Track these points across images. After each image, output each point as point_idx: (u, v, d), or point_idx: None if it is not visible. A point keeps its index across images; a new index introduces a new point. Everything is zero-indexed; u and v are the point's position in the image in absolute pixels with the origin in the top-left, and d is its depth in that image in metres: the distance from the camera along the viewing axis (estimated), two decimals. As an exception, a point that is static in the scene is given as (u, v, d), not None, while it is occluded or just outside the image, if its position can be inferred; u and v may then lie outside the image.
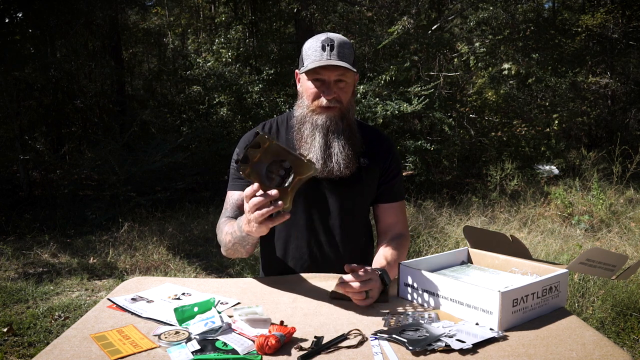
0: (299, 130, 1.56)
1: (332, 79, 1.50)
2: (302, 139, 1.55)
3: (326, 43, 1.48)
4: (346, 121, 1.55)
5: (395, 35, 8.04)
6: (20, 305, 3.85)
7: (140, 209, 6.85)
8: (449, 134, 8.25)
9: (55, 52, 9.31)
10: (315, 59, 1.48)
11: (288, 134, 1.61)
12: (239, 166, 1.22)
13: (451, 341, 1.09)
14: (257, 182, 1.20)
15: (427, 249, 4.68)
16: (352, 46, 1.53)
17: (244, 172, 1.21)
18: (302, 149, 1.55)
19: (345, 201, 1.60)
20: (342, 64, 1.45)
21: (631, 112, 12.06)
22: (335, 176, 1.54)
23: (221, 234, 1.54)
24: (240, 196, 1.63)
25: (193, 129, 9.16)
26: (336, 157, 1.52)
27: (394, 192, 1.67)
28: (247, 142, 1.66)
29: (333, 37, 1.51)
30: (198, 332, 1.14)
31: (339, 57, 1.48)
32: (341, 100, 1.53)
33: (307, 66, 1.49)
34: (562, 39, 9.93)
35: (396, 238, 1.62)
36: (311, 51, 1.50)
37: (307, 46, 1.53)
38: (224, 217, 1.62)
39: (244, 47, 10.11)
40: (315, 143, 1.52)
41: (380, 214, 1.68)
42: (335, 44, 1.48)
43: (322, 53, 1.48)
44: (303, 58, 1.54)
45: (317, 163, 1.51)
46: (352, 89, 1.57)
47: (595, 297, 3.48)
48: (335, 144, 1.52)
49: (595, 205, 5.86)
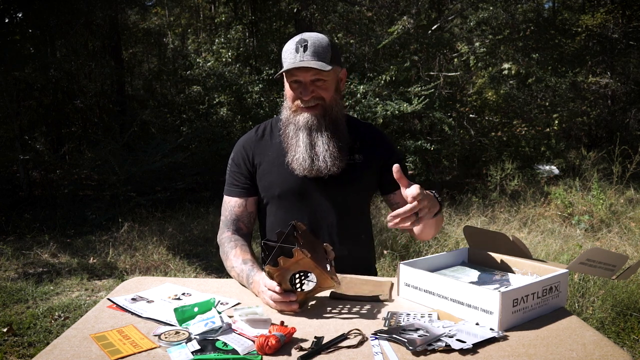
0: (285, 131, 1.58)
1: (307, 79, 1.51)
2: (288, 140, 1.57)
3: (300, 44, 1.49)
4: (329, 117, 1.56)
5: (395, 35, 8.04)
6: (20, 305, 3.85)
7: (140, 209, 6.85)
8: (449, 134, 8.25)
9: (55, 52, 9.30)
10: (290, 61, 1.50)
11: (278, 137, 1.63)
12: (265, 265, 1.29)
13: (451, 341, 1.09)
14: (279, 283, 1.27)
15: (427, 249, 4.68)
16: (328, 43, 1.52)
17: (269, 274, 1.27)
18: (290, 151, 1.56)
19: (339, 199, 1.61)
20: (313, 65, 1.45)
21: (631, 112, 12.05)
22: (324, 175, 1.55)
23: (226, 258, 1.57)
24: (237, 203, 1.64)
25: (193, 129, 9.16)
26: (322, 155, 1.53)
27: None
28: (244, 144, 1.67)
29: (307, 36, 1.51)
30: (198, 332, 1.14)
31: (313, 56, 1.48)
32: (322, 97, 1.53)
33: (284, 69, 1.50)
34: (562, 39, 9.93)
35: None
36: (287, 53, 1.52)
37: (284, 49, 1.54)
38: (226, 232, 1.63)
39: (244, 47, 10.10)
40: (300, 143, 1.54)
41: (396, 199, 1.65)
42: (309, 44, 1.48)
43: (295, 55, 1.49)
44: (282, 61, 1.55)
45: (304, 163, 1.53)
46: (334, 85, 1.56)
47: (595, 297, 3.48)
48: (319, 142, 1.53)
49: (595, 205, 5.86)
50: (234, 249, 1.55)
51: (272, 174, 1.61)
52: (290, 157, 1.56)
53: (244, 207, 1.64)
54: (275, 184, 1.60)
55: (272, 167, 1.61)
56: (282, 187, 1.59)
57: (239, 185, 1.64)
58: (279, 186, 1.60)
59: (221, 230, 1.65)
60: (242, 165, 1.64)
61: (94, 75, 10.76)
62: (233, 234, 1.62)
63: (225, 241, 1.60)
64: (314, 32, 1.55)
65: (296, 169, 1.55)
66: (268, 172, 1.61)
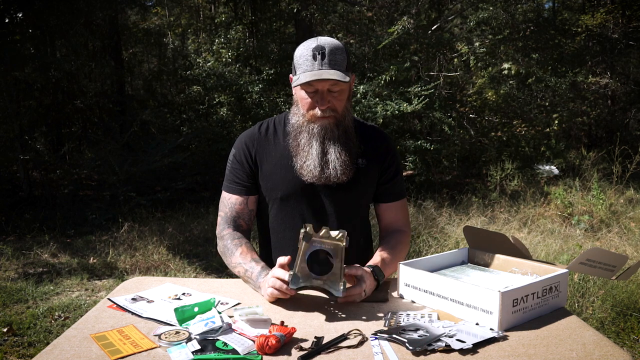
0: (296, 138, 1.57)
1: (325, 88, 1.49)
2: (299, 147, 1.56)
3: (317, 51, 1.46)
4: (342, 127, 1.56)
5: (395, 35, 8.04)
6: (20, 305, 3.85)
7: (140, 209, 6.85)
8: (449, 134, 8.25)
9: (55, 52, 9.30)
10: (307, 68, 1.47)
11: (285, 140, 1.61)
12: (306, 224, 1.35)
13: (451, 341, 1.09)
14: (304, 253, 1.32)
15: (427, 249, 4.68)
16: (344, 50, 1.51)
17: (307, 234, 1.34)
18: (299, 156, 1.56)
19: (343, 206, 1.61)
20: (333, 77, 1.44)
21: (631, 112, 12.05)
22: (332, 182, 1.55)
23: (231, 255, 1.57)
24: (238, 200, 1.64)
25: (193, 129, 9.16)
26: (333, 164, 1.53)
27: (395, 192, 1.69)
28: (246, 140, 1.66)
29: (324, 43, 1.48)
30: (198, 332, 1.14)
31: (331, 64, 1.46)
32: (336, 109, 1.53)
33: (299, 77, 1.48)
34: (562, 39, 9.92)
35: (395, 235, 1.66)
36: (302, 60, 1.49)
37: (299, 54, 1.51)
38: (227, 228, 1.63)
39: (244, 47, 10.10)
40: (312, 151, 1.53)
41: (381, 212, 1.71)
42: (327, 51, 1.46)
43: (313, 62, 1.46)
44: (295, 66, 1.52)
45: (315, 170, 1.54)
46: (347, 94, 1.56)
47: (595, 297, 3.48)
48: (331, 151, 1.53)
49: (595, 205, 5.86)
50: (240, 247, 1.55)
51: (276, 176, 1.60)
52: (300, 162, 1.55)
53: (244, 205, 1.64)
54: (278, 186, 1.60)
55: (276, 169, 1.60)
56: (285, 190, 1.59)
57: (241, 182, 1.63)
58: (281, 189, 1.59)
59: (221, 226, 1.65)
60: (244, 163, 1.62)
61: (94, 75, 10.76)
62: (234, 230, 1.62)
63: (228, 237, 1.59)
64: (328, 38, 1.52)
65: (305, 175, 1.55)
66: (271, 173, 1.61)
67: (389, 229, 1.69)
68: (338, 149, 1.53)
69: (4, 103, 7.57)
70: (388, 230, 1.69)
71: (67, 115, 10.59)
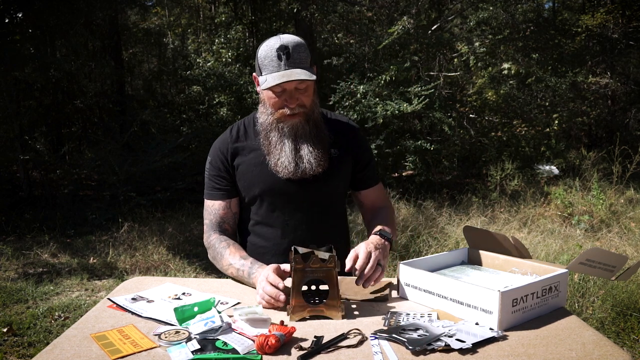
0: (267, 137, 1.59)
1: (292, 87, 1.51)
2: (270, 145, 1.57)
3: (281, 51, 1.47)
4: (312, 121, 1.58)
5: (395, 35, 8.03)
6: (20, 305, 3.85)
7: (140, 209, 6.85)
8: (449, 134, 8.24)
9: (55, 52, 9.30)
10: (273, 69, 1.48)
11: (256, 139, 1.63)
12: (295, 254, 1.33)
13: (451, 341, 1.09)
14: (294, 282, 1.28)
15: (427, 249, 4.68)
16: (306, 46, 1.52)
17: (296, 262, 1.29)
18: (272, 154, 1.57)
19: (322, 196, 1.64)
20: (301, 77, 1.45)
21: (631, 112, 12.04)
22: (309, 176, 1.57)
23: (221, 258, 1.58)
24: (221, 205, 1.66)
25: (193, 129, 9.17)
26: (307, 157, 1.55)
27: (372, 177, 1.75)
28: (220, 146, 1.67)
29: (287, 42, 1.49)
30: (198, 332, 1.14)
31: (296, 63, 1.47)
32: (304, 105, 1.54)
33: (267, 79, 1.48)
34: (562, 39, 9.92)
35: (381, 210, 1.73)
36: (267, 61, 1.49)
37: (263, 55, 1.51)
38: (213, 234, 1.64)
39: (244, 47, 10.11)
40: (285, 148, 1.55)
41: (363, 199, 1.77)
42: (290, 50, 1.47)
43: (279, 63, 1.47)
44: (260, 67, 1.52)
45: (289, 166, 1.55)
46: (313, 88, 1.58)
47: (595, 297, 3.48)
48: (304, 147, 1.56)
49: (595, 205, 5.86)
50: (228, 248, 1.57)
51: (252, 174, 1.62)
52: (274, 160, 1.57)
53: (228, 209, 1.66)
54: (254, 184, 1.62)
55: (250, 167, 1.62)
56: (261, 187, 1.61)
57: (221, 188, 1.65)
58: (258, 186, 1.61)
59: (207, 233, 1.67)
60: (221, 168, 1.64)
61: (94, 75, 10.76)
62: (220, 234, 1.64)
63: (216, 242, 1.61)
64: (289, 35, 1.53)
65: (280, 172, 1.56)
66: (247, 172, 1.62)
67: (374, 208, 1.76)
68: (310, 143, 1.56)
69: (4, 103, 7.57)
70: (373, 209, 1.75)
71: (67, 115, 10.60)
